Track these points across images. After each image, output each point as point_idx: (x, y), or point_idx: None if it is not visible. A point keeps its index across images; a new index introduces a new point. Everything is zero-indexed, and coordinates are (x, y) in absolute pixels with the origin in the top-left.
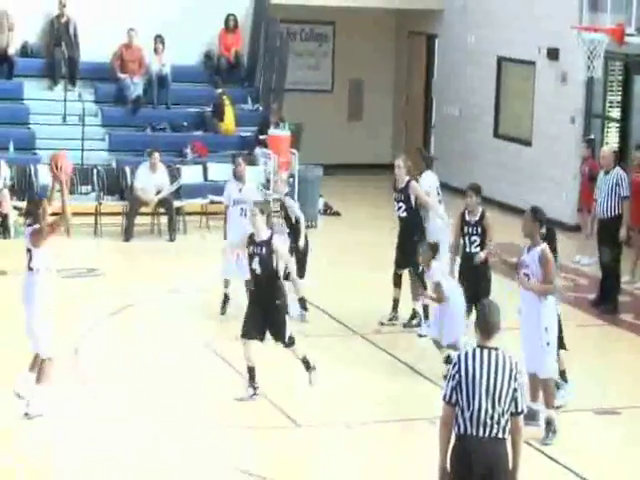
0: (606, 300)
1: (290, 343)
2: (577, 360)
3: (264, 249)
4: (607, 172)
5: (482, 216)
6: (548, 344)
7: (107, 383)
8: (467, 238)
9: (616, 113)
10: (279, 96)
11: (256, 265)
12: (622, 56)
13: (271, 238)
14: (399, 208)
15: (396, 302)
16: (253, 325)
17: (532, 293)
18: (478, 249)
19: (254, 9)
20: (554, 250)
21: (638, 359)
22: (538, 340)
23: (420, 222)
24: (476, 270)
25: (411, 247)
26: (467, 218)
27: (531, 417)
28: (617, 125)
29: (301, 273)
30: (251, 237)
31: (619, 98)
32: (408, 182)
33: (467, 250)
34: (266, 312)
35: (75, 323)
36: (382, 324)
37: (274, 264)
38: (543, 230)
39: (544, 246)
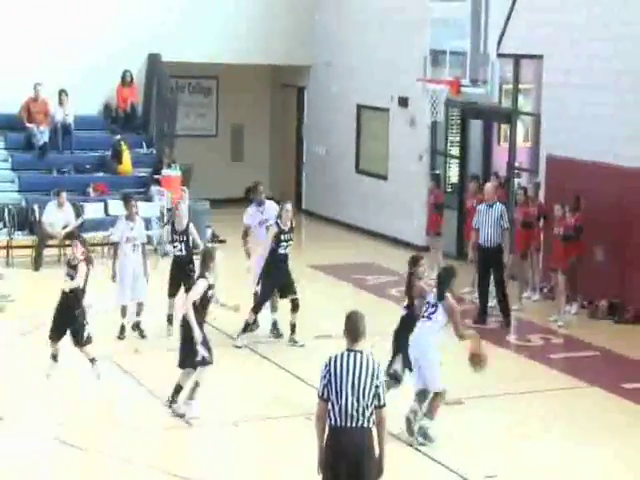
0: (505, 314)
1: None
2: None
3: None
4: (490, 205)
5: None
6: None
7: (17, 397)
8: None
9: (455, 151)
10: (170, 141)
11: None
12: (459, 103)
13: None
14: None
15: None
16: None
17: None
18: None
19: (147, 66)
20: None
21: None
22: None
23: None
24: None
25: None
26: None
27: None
28: (457, 161)
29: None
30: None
31: (458, 138)
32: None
33: None
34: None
35: None
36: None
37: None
38: None
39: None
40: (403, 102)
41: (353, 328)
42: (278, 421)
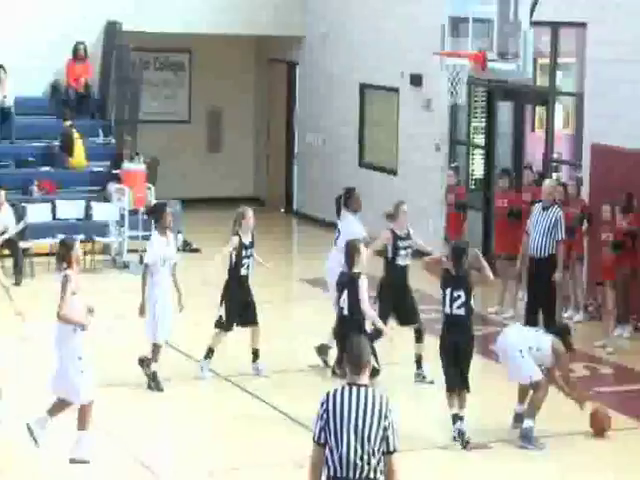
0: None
1: None
2: None
3: None
4: (546, 208)
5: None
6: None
7: None
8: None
9: (480, 139)
10: (133, 128)
11: None
12: (485, 82)
13: None
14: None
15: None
16: None
17: None
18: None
19: (104, 37)
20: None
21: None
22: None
23: None
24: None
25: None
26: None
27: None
28: (481, 152)
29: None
30: None
31: (483, 124)
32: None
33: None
34: None
35: None
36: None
37: None
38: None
39: None
40: (416, 80)
41: (357, 358)
42: (263, 470)
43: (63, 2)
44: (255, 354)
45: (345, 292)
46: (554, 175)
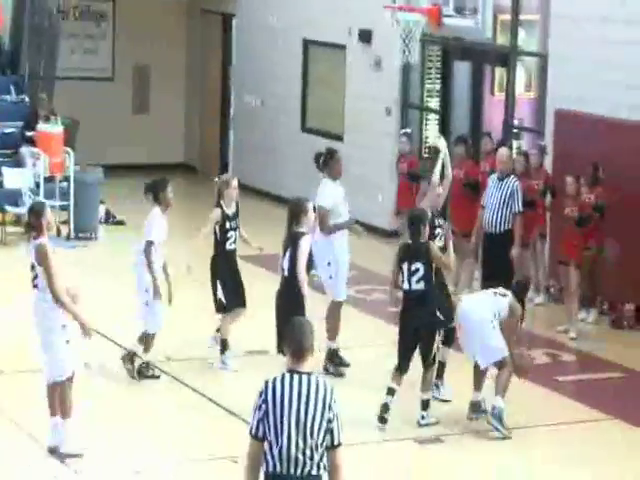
0: None
1: None
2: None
3: None
4: (500, 179)
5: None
6: None
7: None
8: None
9: (435, 103)
10: (49, 85)
11: None
12: (440, 40)
13: None
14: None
15: None
16: None
17: None
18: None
19: None
20: None
21: None
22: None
23: None
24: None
25: None
26: None
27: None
28: (436, 117)
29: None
30: None
31: (438, 86)
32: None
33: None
34: None
35: None
36: None
37: None
38: None
39: None
40: (365, 37)
41: (297, 341)
42: (194, 465)
43: None
44: (225, 344)
45: (287, 253)
46: (515, 143)
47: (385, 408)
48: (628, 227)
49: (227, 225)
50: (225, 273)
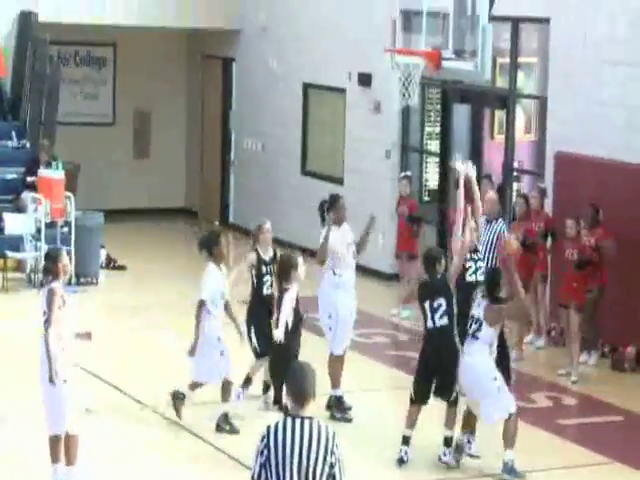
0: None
1: None
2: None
3: None
4: (489, 221)
5: None
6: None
7: None
8: None
9: (434, 146)
10: (50, 130)
11: None
12: (439, 82)
13: None
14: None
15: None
16: None
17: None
18: None
19: (18, 28)
20: None
21: None
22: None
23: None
24: None
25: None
26: None
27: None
28: (436, 160)
29: None
30: None
31: (437, 129)
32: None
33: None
34: None
35: None
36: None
37: None
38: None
39: None
40: (365, 80)
41: (300, 387)
42: None
43: None
44: (248, 381)
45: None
46: (514, 186)
47: (401, 461)
48: (629, 269)
49: (263, 270)
50: (261, 319)
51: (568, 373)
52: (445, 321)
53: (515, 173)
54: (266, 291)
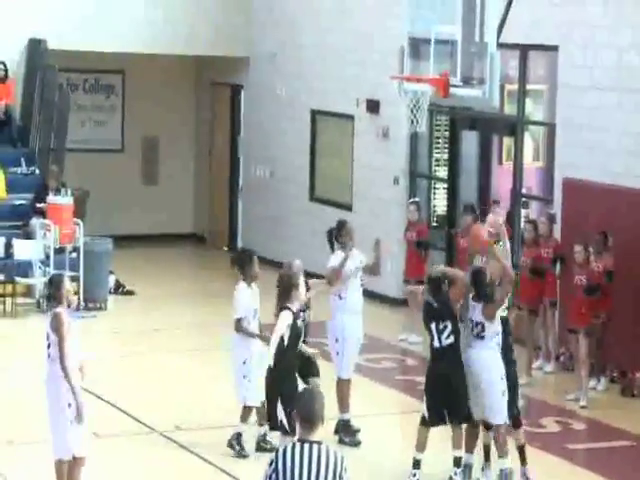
0: None
1: None
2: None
3: None
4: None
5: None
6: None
7: None
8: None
9: (443, 172)
10: (59, 157)
11: None
12: (448, 109)
13: None
14: None
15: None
16: None
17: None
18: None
19: (27, 56)
20: None
21: None
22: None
23: None
24: None
25: None
26: None
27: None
28: (444, 186)
29: None
30: None
31: (445, 155)
32: None
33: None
34: None
35: None
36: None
37: None
38: None
39: None
40: (373, 107)
41: (308, 412)
42: None
43: None
44: None
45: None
46: (523, 212)
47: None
48: (638, 294)
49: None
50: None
51: (577, 398)
52: (451, 340)
53: (523, 199)
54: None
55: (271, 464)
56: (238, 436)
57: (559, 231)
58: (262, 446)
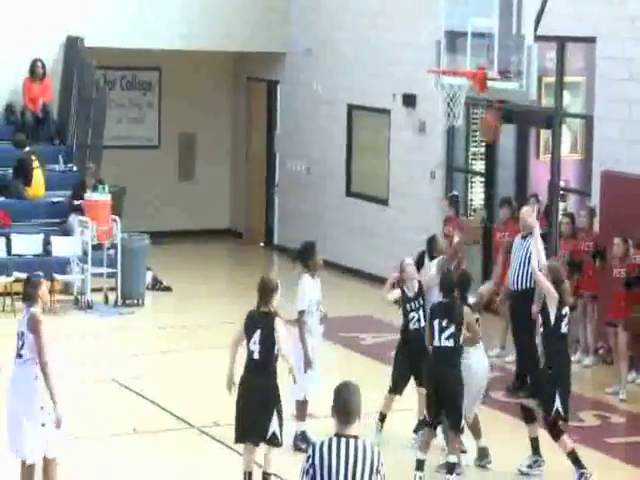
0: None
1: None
2: None
3: None
4: (524, 237)
5: None
6: None
7: None
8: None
9: (480, 166)
10: (96, 154)
11: None
12: (485, 103)
13: None
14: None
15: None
16: None
17: None
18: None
19: (65, 54)
20: None
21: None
22: None
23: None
24: None
25: None
26: None
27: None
28: (481, 179)
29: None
30: None
31: (482, 149)
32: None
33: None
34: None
35: None
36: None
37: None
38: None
39: None
40: (409, 101)
41: (344, 406)
42: None
43: (19, 16)
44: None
45: (257, 333)
46: (561, 205)
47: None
48: None
49: (408, 307)
50: (400, 356)
51: (616, 391)
52: (451, 343)
53: (562, 192)
54: (412, 326)
55: (308, 459)
56: (303, 434)
57: (598, 224)
58: (299, 445)
